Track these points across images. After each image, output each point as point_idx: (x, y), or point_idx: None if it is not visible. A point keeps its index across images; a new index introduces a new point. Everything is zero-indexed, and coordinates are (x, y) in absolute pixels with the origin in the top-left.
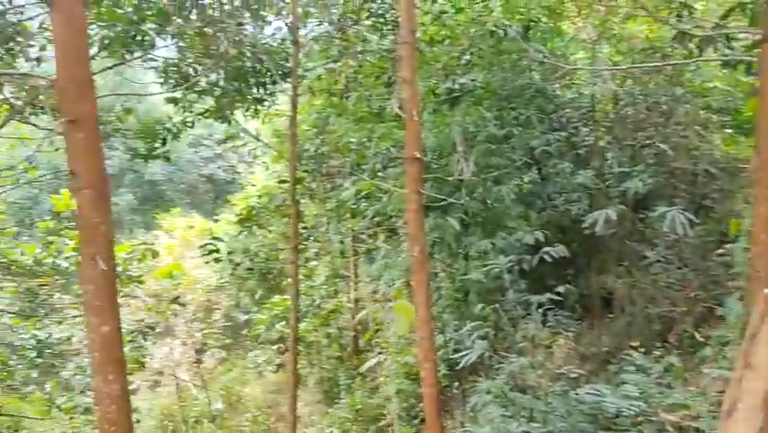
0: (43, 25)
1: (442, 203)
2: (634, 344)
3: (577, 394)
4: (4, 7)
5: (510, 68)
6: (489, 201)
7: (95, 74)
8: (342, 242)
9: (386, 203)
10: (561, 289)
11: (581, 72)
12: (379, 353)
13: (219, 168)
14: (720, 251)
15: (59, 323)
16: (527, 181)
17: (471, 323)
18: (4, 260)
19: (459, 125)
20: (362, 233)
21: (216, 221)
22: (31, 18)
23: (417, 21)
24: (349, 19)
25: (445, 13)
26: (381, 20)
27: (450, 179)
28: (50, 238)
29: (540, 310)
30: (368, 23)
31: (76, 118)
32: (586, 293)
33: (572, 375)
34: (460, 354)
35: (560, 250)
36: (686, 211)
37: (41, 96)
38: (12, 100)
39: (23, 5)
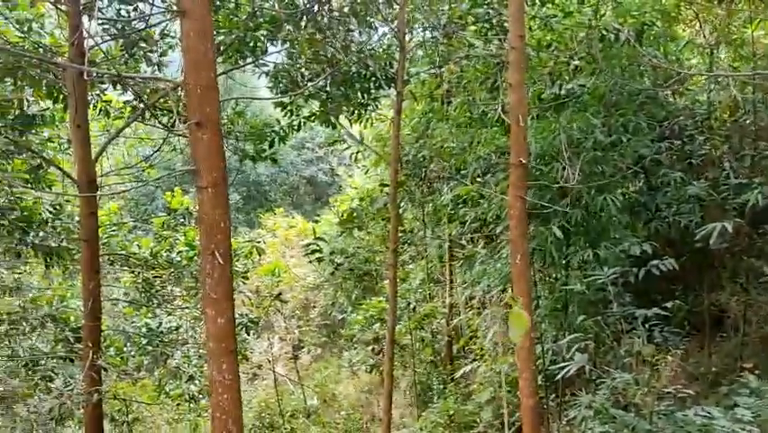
0: (164, 32)
1: (544, 210)
2: (747, 366)
3: (685, 415)
4: (129, 16)
5: (620, 73)
6: (593, 210)
7: None
8: (441, 246)
9: (486, 209)
10: (669, 304)
11: (697, 78)
12: (474, 360)
13: (319, 170)
14: None
15: (169, 313)
16: (634, 191)
17: (571, 334)
18: (123, 252)
19: (564, 132)
20: (460, 238)
21: (317, 222)
22: (154, 25)
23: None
24: (455, 24)
25: (554, 17)
26: (487, 25)
27: (554, 186)
28: (164, 233)
29: (646, 326)
30: (473, 28)
31: (201, 121)
32: (696, 310)
33: (680, 395)
34: (557, 365)
35: (669, 263)
36: None
37: (162, 100)
38: (135, 102)
39: (148, 14)
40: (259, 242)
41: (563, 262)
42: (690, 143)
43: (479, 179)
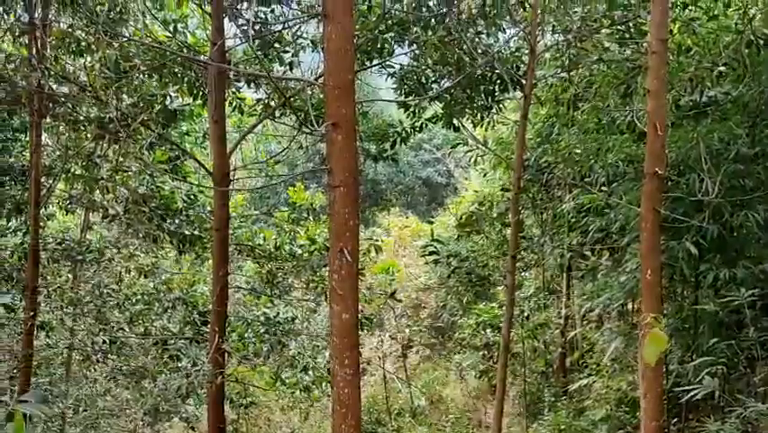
0: (297, 33)
1: (677, 224)
2: None
3: None
4: (266, 18)
5: None
6: (732, 226)
7: None
8: (561, 255)
9: (611, 219)
10: None
11: None
12: (589, 375)
13: (436, 171)
14: None
15: (286, 304)
16: None
17: (699, 357)
18: (250, 243)
19: (703, 141)
20: (581, 248)
21: (431, 223)
22: (288, 27)
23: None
24: (588, 27)
25: (697, 20)
26: (624, 28)
27: (690, 199)
28: (287, 227)
29: None
30: (607, 31)
31: (337, 121)
32: None
33: None
34: (682, 388)
35: None
36: None
37: (292, 99)
38: (267, 100)
39: (291, 19)
40: (376, 240)
41: (695, 279)
42: None
43: (604, 188)
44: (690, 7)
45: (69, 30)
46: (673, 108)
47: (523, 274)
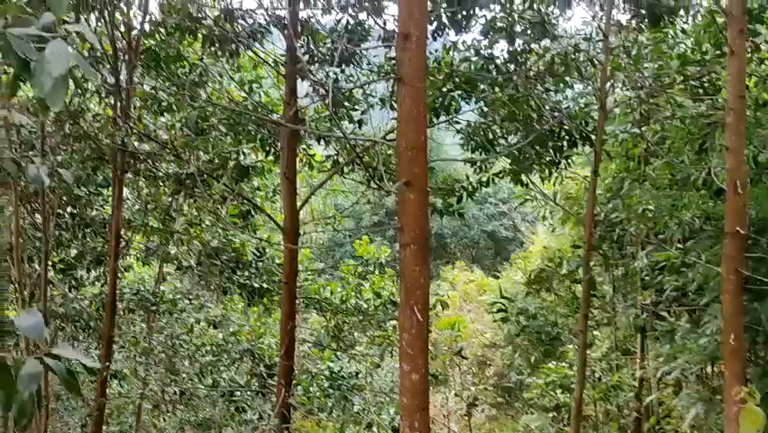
0: (366, 92)
1: (759, 285)
2: None
3: None
4: (336, 77)
5: None
6: None
7: None
8: (638, 315)
9: (688, 278)
10: None
11: None
12: None
13: (501, 225)
14: None
15: (351, 358)
16: None
17: None
18: (317, 297)
19: None
20: (655, 307)
21: (496, 277)
22: (359, 87)
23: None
24: (660, 83)
25: None
26: (697, 83)
27: None
28: (352, 280)
29: None
30: (681, 87)
31: (410, 181)
32: None
33: None
34: None
35: None
36: None
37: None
38: (336, 156)
39: (367, 81)
40: (442, 295)
41: None
42: None
43: (680, 246)
44: (766, 62)
45: (152, 91)
46: (752, 165)
47: (594, 333)
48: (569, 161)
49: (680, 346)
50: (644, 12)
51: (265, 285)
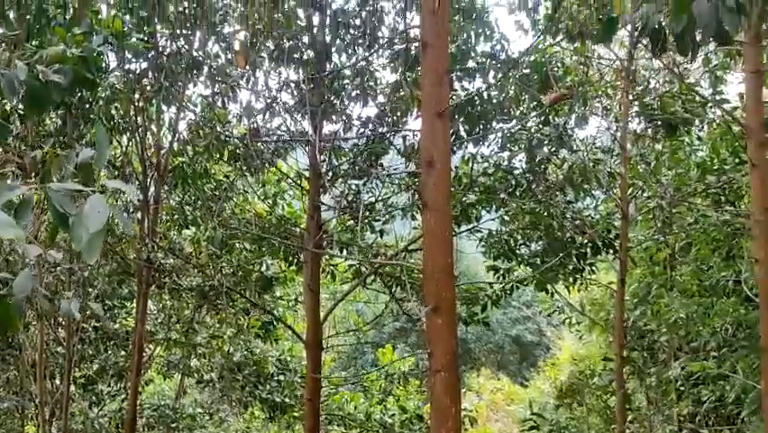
0: (388, 201)
1: None
2: None
3: None
4: (358, 188)
5: None
6: None
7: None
8: (675, 431)
9: (726, 391)
10: None
11: None
12: None
13: (526, 330)
14: None
15: None
16: None
17: None
18: (341, 413)
19: None
20: (693, 418)
21: (523, 385)
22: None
23: None
24: (681, 192)
25: None
26: (718, 190)
27: None
28: (376, 392)
29: None
30: (702, 195)
31: (437, 305)
32: None
33: None
34: None
35: None
36: None
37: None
38: (358, 266)
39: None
40: (471, 411)
41: None
42: None
43: (714, 355)
44: None
45: (179, 206)
46: None
47: None
48: (593, 268)
49: None
50: (658, 122)
51: (287, 400)
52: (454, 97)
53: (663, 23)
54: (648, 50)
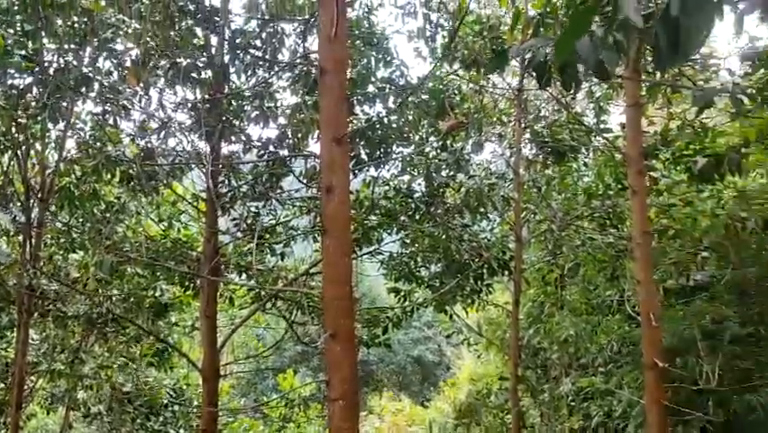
0: (289, 224)
1: (683, 417)
2: None
3: None
4: (258, 210)
5: (751, 261)
6: (737, 411)
7: None
8: None
9: (613, 406)
10: None
11: None
12: None
13: (427, 350)
14: None
15: None
16: None
17: None
18: None
19: (697, 324)
20: None
21: (425, 406)
22: (281, 223)
23: None
24: (569, 216)
25: (673, 206)
26: (603, 214)
27: (693, 387)
28: (276, 420)
29: None
30: (589, 219)
31: (336, 332)
32: None
33: None
34: None
35: None
36: None
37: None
38: (258, 290)
39: (284, 219)
40: None
41: None
42: None
43: (602, 370)
44: (664, 194)
45: (65, 228)
46: (661, 291)
47: None
48: (489, 288)
49: None
50: (548, 149)
51: (182, 431)
52: (355, 122)
53: (548, 58)
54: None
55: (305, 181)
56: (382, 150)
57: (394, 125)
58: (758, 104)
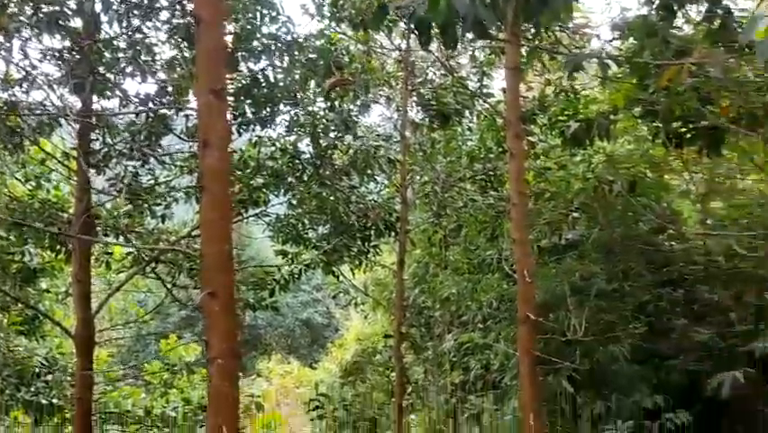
0: (170, 185)
1: (553, 366)
2: None
3: None
4: (136, 170)
5: (617, 222)
6: (601, 361)
7: None
8: (447, 401)
9: (490, 359)
10: None
11: (693, 226)
12: None
13: (316, 312)
14: None
15: None
16: (640, 339)
17: None
18: (117, 410)
19: (567, 280)
20: (464, 387)
21: (313, 367)
22: (162, 183)
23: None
24: (452, 178)
25: (549, 169)
26: (485, 177)
27: (562, 339)
28: (158, 387)
29: None
30: (471, 181)
31: (215, 291)
32: None
33: None
34: None
35: (683, 417)
36: None
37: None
38: (137, 254)
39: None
40: (258, 396)
41: (573, 414)
42: (690, 290)
43: (481, 327)
44: (541, 157)
45: None
46: (536, 250)
47: (410, 417)
48: (377, 249)
49: (488, 427)
50: (434, 112)
51: (56, 401)
52: (239, 78)
53: (428, 14)
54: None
55: (186, 139)
56: (268, 109)
57: (281, 84)
58: (627, 71)
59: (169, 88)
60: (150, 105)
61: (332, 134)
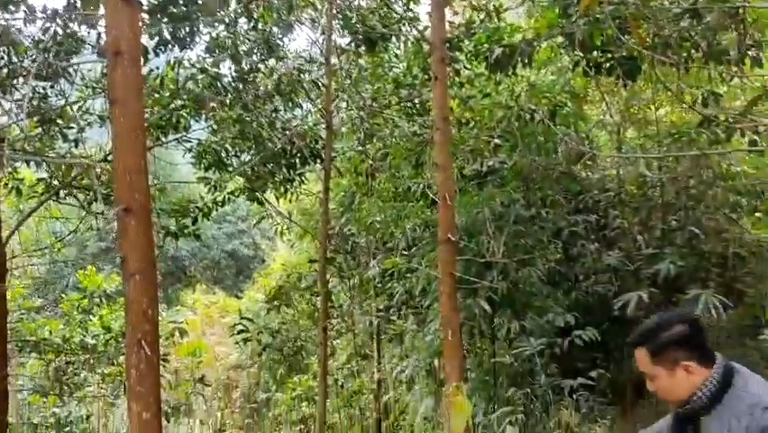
0: (83, 108)
1: (471, 284)
2: None
3: None
4: (46, 91)
5: (536, 150)
6: (517, 282)
7: None
8: (371, 323)
9: (413, 283)
10: (593, 373)
11: (608, 155)
12: None
13: (242, 244)
14: (761, 337)
15: (79, 401)
16: (555, 262)
17: (501, 407)
18: (33, 338)
19: (488, 206)
20: (388, 311)
21: (239, 297)
22: (73, 103)
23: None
24: (378, 104)
25: (473, 97)
26: (410, 104)
27: (481, 260)
28: (77, 316)
29: (573, 396)
30: (397, 107)
31: (129, 207)
32: (618, 378)
33: None
34: None
35: (591, 333)
36: (719, 295)
37: (79, 177)
38: (49, 180)
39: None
40: (181, 322)
41: (491, 333)
42: (603, 216)
43: (405, 253)
44: (466, 86)
45: None
46: (459, 177)
47: (335, 342)
48: (302, 177)
49: (410, 346)
50: (360, 37)
51: None
52: None
53: None
54: None
55: (101, 59)
56: (187, 29)
57: (200, 1)
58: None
59: (79, 3)
60: (59, 20)
61: (254, 56)
